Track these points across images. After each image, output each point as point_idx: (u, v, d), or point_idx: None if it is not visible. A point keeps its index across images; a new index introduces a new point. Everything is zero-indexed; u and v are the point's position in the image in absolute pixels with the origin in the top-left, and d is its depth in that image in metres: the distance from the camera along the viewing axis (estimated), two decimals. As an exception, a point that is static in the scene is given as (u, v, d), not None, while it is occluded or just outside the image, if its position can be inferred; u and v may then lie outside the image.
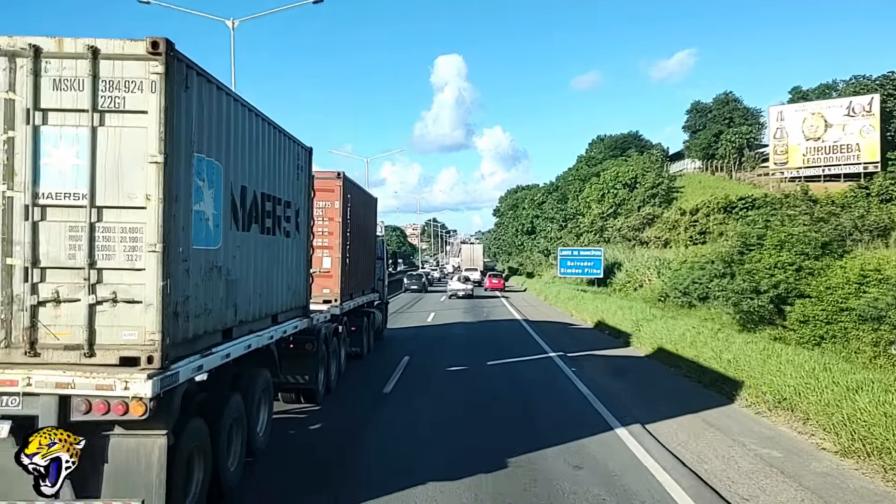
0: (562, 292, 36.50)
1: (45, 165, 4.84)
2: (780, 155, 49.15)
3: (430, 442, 8.30)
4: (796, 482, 6.85)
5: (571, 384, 12.30)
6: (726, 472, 7.20)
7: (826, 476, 7.06)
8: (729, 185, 51.14)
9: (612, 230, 48.96)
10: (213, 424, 5.90)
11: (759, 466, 7.38)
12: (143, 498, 4.67)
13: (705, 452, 7.91)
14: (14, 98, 4.82)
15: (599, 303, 27.30)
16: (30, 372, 4.64)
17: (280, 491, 6.54)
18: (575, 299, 31.51)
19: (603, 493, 6.49)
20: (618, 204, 52.65)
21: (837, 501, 6.34)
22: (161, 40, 4.79)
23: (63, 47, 4.84)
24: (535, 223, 71.70)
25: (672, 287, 25.67)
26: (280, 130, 7.83)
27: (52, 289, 4.85)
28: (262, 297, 7.28)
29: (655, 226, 44.94)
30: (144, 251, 4.83)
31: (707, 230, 39.21)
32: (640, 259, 37.45)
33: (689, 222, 41.45)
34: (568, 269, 37.97)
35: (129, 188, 4.85)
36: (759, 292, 18.50)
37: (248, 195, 6.70)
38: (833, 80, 56.49)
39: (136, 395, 4.58)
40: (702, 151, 60.77)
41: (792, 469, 7.28)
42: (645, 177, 52.77)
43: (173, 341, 5.01)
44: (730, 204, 40.22)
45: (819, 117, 47.58)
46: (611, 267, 38.07)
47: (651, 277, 32.72)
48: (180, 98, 5.04)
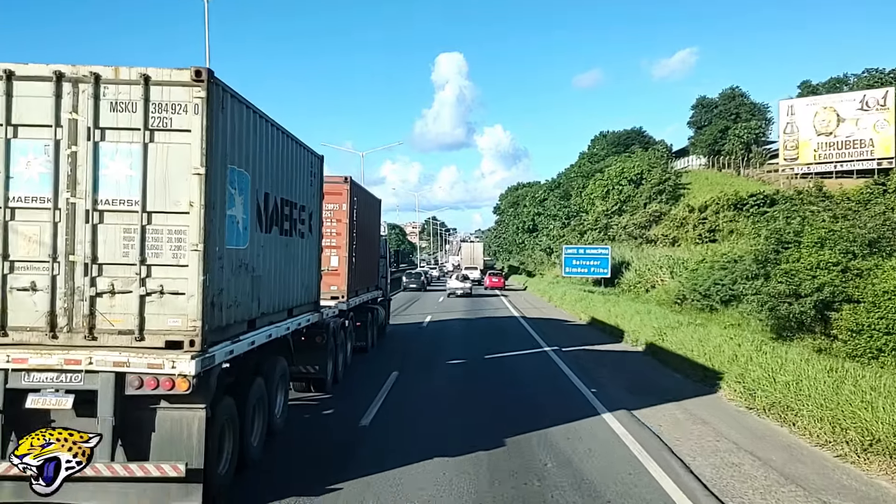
0: (568, 293, 34.31)
1: (103, 176, 5.63)
2: (791, 150, 47.43)
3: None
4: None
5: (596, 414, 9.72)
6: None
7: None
8: (737, 181, 49.36)
9: (617, 228, 47.05)
10: (240, 403, 6.70)
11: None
12: (187, 461, 5.45)
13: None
14: (77, 118, 5.61)
15: (612, 306, 24.65)
16: (91, 353, 5.44)
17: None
18: (583, 301, 29.22)
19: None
20: (623, 201, 50.74)
21: None
22: (203, 70, 5.58)
23: (119, 75, 5.63)
24: (536, 221, 70.21)
25: (691, 288, 23.85)
26: (296, 141, 8.62)
27: (108, 282, 5.65)
28: (280, 292, 8.07)
29: (662, 223, 43.18)
30: (188, 250, 5.62)
31: (716, 228, 37.95)
32: (650, 258, 35.67)
33: (697, 220, 39.91)
34: (573, 268, 36.11)
35: (175, 196, 5.64)
36: (800, 296, 16.25)
37: (270, 201, 7.49)
38: (844, 73, 55.00)
39: (182, 372, 5.37)
40: (707, 147, 59.32)
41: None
42: (651, 173, 50.96)
43: (210, 328, 5.79)
44: (740, 201, 38.68)
45: (831, 111, 45.61)
46: (618, 266, 36.27)
47: (664, 278, 31.09)
48: (218, 118, 5.82)
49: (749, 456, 7.81)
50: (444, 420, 9.46)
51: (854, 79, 53.16)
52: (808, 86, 55.67)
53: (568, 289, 36.64)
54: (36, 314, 5.62)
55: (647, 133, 71.61)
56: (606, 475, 7.03)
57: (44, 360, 5.39)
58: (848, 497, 6.48)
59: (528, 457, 7.67)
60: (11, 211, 5.62)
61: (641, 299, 28.36)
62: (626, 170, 52.79)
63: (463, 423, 9.22)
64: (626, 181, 52.09)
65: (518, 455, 7.72)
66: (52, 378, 5.43)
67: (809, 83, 56.30)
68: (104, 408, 5.37)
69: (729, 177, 52.58)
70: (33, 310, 5.63)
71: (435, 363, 14.70)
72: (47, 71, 5.60)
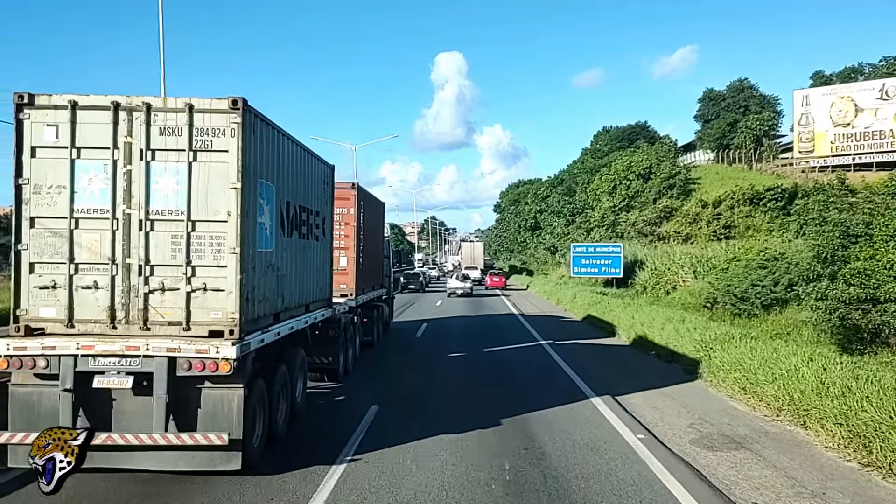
0: (579, 295, 30.55)
1: (154, 191, 6.61)
2: (806, 143, 44.95)
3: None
4: None
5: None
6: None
7: None
8: (749, 175, 46.58)
9: (625, 225, 44.56)
10: (268, 386, 7.67)
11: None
12: (228, 431, 6.41)
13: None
14: (131, 141, 6.59)
15: (634, 311, 21.11)
16: (147, 341, 6.41)
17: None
18: (598, 305, 25.54)
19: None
20: (631, 196, 48.17)
21: None
22: (239, 99, 6.57)
23: (167, 104, 6.62)
24: (538, 219, 67.93)
25: (723, 290, 20.84)
26: (311, 154, 9.59)
27: (159, 281, 6.63)
28: (299, 290, 9.05)
29: (674, 219, 40.82)
30: (226, 253, 6.60)
31: (732, 224, 35.98)
32: (669, 256, 32.38)
33: (711, 215, 37.69)
34: (582, 267, 33.57)
35: (215, 207, 6.61)
36: (878, 301, 13.38)
37: (291, 208, 8.47)
38: (859, 63, 52.18)
39: (225, 356, 6.34)
40: (715, 142, 56.79)
41: None
42: (660, 166, 48.21)
43: (246, 319, 6.76)
44: (756, 195, 36.51)
45: (849, 101, 43.15)
46: (630, 266, 33.55)
47: (686, 278, 28.06)
48: (250, 140, 6.80)
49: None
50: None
51: (870, 68, 50.63)
52: (821, 76, 52.80)
53: (578, 290, 33.15)
54: (98, 308, 6.60)
55: (652, 127, 68.53)
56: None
57: (108, 347, 6.37)
58: None
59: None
60: (76, 221, 6.59)
61: (663, 302, 25.10)
62: (634, 164, 50.04)
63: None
64: (634, 176, 49.36)
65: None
66: (115, 362, 6.40)
67: (822, 73, 53.42)
68: (159, 387, 6.34)
69: (741, 171, 50.05)
70: (96, 305, 6.61)
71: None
72: (106, 101, 6.58)
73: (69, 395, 6.36)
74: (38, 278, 6.58)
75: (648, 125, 69.07)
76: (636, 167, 49.79)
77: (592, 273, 33.78)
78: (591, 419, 9.56)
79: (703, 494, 6.59)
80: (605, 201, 50.32)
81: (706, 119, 60.29)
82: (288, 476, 6.93)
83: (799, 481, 7.00)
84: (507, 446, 8.10)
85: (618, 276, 32.15)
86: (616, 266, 32.14)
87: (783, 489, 6.79)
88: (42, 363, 6.40)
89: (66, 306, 6.57)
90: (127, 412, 6.56)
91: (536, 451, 7.93)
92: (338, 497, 6.39)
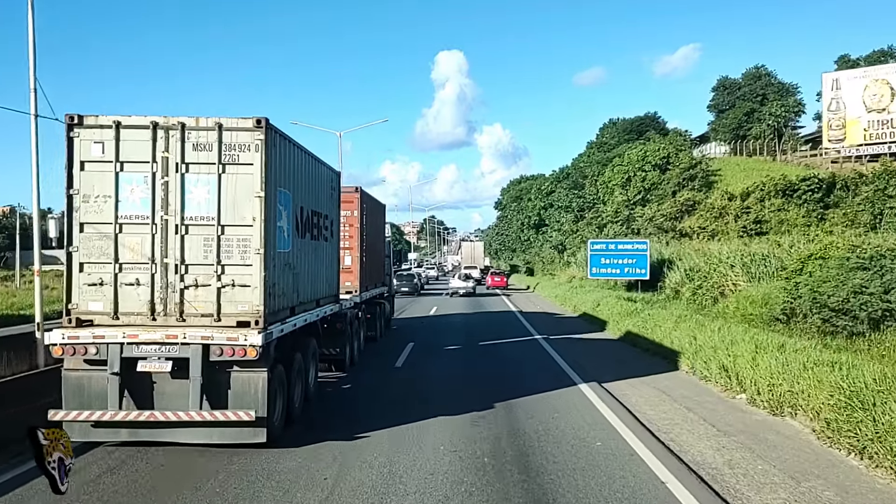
0: (603, 302, 24.63)
1: (188, 199, 7.56)
2: (836, 130, 41.63)
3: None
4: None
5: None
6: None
7: None
8: (774, 167, 43.46)
9: (641, 220, 41.00)
10: (287, 370, 8.62)
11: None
12: (255, 409, 7.35)
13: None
14: (168, 156, 7.53)
15: (693, 328, 14.68)
16: (184, 330, 7.36)
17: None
18: (634, 317, 19.36)
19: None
20: (647, 189, 44.54)
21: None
22: (262, 119, 7.52)
23: (199, 123, 7.56)
24: (543, 215, 63.85)
25: (808, 299, 15.76)
26: (321, 162, 10.54)
27: (193, 278, 7.57)
28: (311, 286, 10.00)
29: (697, 214, 37.43)
30: (252, 253, 7.54)
31: (762, 218, 33.31)
32: (704, 254, 27.22)
33: (740, 209, 34.53)
34: (601, 268, 28.79)
35: (242, 213, 7.55)
36: None
37: (304, 212, 9.42)
38: (889, 45, 49.45)
39: (252, 343, 7.28)
40: (731, 133, 54.00)
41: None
42: (678, 156, 45.11)
43: (268, 312, 7.70)
44: (789, 186, 33.76)
45: (884, 84, 39.98)
46: (657, 266, 28.96)
47: (738, 281, 22.05)
48: (272, 154, 7.74)
49: None
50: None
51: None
52: (847, 60, 49.88)
53: (600, 295, 27.57)
54: (140, 303, 7.55)
55: (662, 119, 65.28)
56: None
57: (150, 336, 7.32)
58: None
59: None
60: (120, 226, 7.53)
61: (712, 313, 19.59)
62: (650, 153, 46.29)
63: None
64: (650, 166, 45.53)
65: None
66: (156, 349, 7.35)
67: (848, 58, 50.45)
68: (195, 370, 7.28)
69: (763, 162, 46.82)
70: (137, 299, 7.55)
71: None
72: (146, 121, 7.53)
73: (116, 378, 7.30)
74: (87, 276, 7.52)
75: (658, 116, 65.72)
76: (652, 157, 45.97)
77: (613, 275, 29.35)
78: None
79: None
80: (618, 195, 46.23)
81: (720, 109, 57.31)
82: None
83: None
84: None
85: (644, 277, 27.89)
86: (641, 266, 27.79)
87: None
88: (92, 350, 7.34)
89: (112, 301, 7.51)
90: (166, 393, 7.50)
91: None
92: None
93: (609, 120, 68.13)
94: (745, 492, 6.46)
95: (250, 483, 6.67)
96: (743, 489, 6.54)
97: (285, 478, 6.83)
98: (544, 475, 6.91)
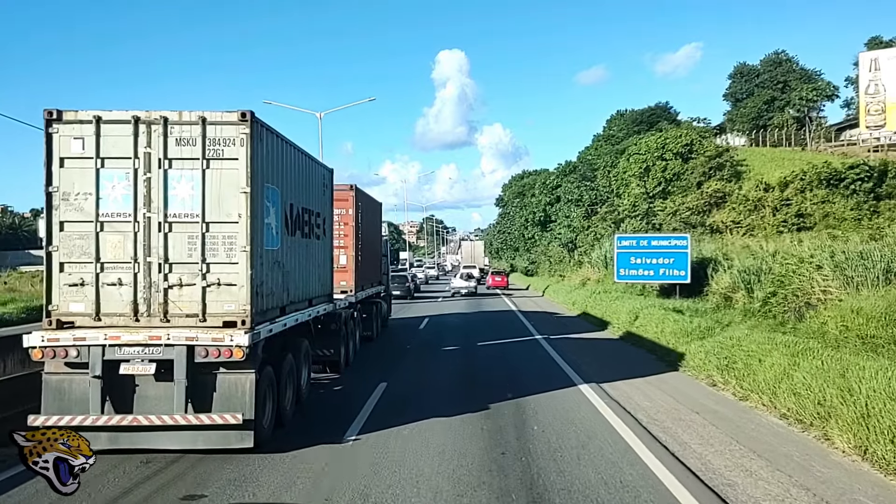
0: (646, 315, 18.45)
1: (171, 196, 7.30)
2: (875, 115, 38.60)
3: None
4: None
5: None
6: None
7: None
8: (806, 156, 39.11)
9: (663, 214, 36.95)
10: (277, 373, 8.37)
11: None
12: (242, 412, 7.11)
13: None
14: (150, 151, 7.28)
15: (836, 373, 8.50)
16: (168, 331, 7.11)
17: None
18: (703, 341, 13.65)
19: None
20: (668, 179, 40.31)
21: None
22: (248, 112, 7.26)
23: (182, 117, 7.31)
24: (549, 211, 59.27)
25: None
26: (312, 159, 10.29)
27: (178, 277, 7.32)
28: (303, 285, 9.75)
29: (727, 207, 33.54)
30: (238, 251, 7.29)
31: (805, 212, 29.36)
32: (751, 252, 22.41)
33: (778, 201, 30.76)
34: (631, 268, 23.27)
35: (227, 209, 7.30)
36: None
37: (295, 210, 9.17)
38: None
39: (238, 344, 7.03)
40: (750, 122, 50.64)
41: None
42: (702, 144, 41.10)
43: (256, 311, 7.45)
44: (834, 175, 30.11)
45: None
46: (697, 266, 23.15)
47: (828, 287, 15.05)
48: (257, 148, 7.49)
49: None
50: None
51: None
52: (879, 42, 46.79)
53: (634, 304, 21.26)
54: (122, 303, 7.30)
55: (674, 109, 60.74)
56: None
57: (133, 337, 7.07)
58: None
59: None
60: (101, 224, 7.28)
61: (802, 331, 13.22)
62: (671, 140, 41.87)
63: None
64: (670, 154, 40.97)
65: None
66: (139, 351, 7.09)
67: (880, 39, 47.28)
68: (179, 372, 7.03)
69: (792, 152, 42.53)
70: (120, 300, 7.30)
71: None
72: (127, 116, 7.28)
73: (98, 382, 7.04)
74: (67, 276, 7.27)
75: (669, 106, 61.07)
76: (672, 145, 41.32)
77: (646, 278, 23.54)
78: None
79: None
80: (635, 186, 41.84)
81: (737, 98, 54.07)
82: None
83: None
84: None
85: (684, 281, 22.36)
86: (681, 266, 22.42)
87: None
88: (73, 353, 7.09)
89: (94, 301, 7.26)
90: (150, 396, 7.25)
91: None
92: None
93: (616, 112, 64.66)
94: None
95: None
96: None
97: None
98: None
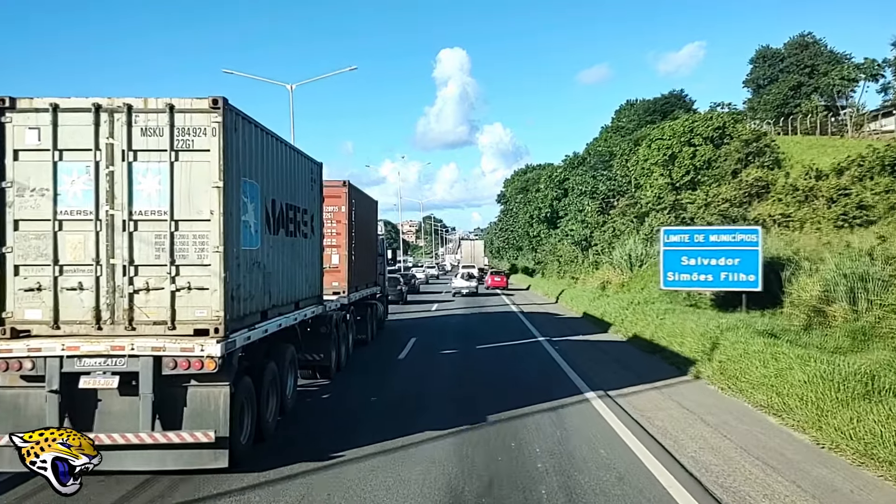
0: (726, 340, 12.47)
1: (137, 191, 6.63)
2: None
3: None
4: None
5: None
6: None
7: None
8: (847, 144, 35.33)
9: (693, 206, 32.12)
10: (257, 383, 7.70)
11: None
12: (215, 429, 6.45)
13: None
14: (113, 143, 6.61)
15: None
16: (132, 340, 6.44)
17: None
18: (862, 406, 7.61)
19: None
20: (697, 168, 35.23)
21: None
22: (220, 98, 6.59)
23: (148, 105, 6.63)
24: (556, 207, 54.20)
25: None
26: (297, 152, 9.61)
27: (144, 281, 6.65)
28: (287, 287, 9.08)
29: (771, 197, 28.71)
30: (210, 252, 6.62)
31: (866, 203, 24.60)
32: (850, 250, 16.83)
33: (835, 190, 26.00)
34: (683, 272, 18.09)
35: (198, 206, 6.63)
36: None
37: (277, 206, 8.49)
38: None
39: (210, 354, 6.37)
40: (774, 110, 46.80)
41: None
42: (736, 127, 36.20)
43: (231, 317, 6.79)
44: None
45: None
46: (768, 269, 17.59)
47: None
48: (232, 138, 6.82)
49: None
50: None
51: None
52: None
53: (693, 320, 15.91)
54: (83, 309, 6.63)
55: (689, 97, 56.90)
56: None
57: (93, 347, 6.40)
58: None
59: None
60: (60, 223, 6.61)
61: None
62: (699, 123, 37.00)
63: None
64: (700, 139, 36.04)
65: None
66: (101, 362, 6.42)
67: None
68: (145, 386, 6.36)
69: (831, 139, 38.25)
70: (81, 306, 6.64)
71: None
72: (87, 103, 6.61)
73: (55, 397, 6.39)
74: (23, 280, 6.61)
75: (685, 94, 57.07)
76: (702, 128, 36.41)
77: (703, 284, 18.37)
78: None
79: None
80: (659, 176, 36.69)
81: (759, 84, 50.73)
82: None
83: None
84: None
85: (754, 288, 17.19)
86: (749, 270, 17.23)
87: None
88: (28, 365, 6.43)
89: (52, 308, 6.60)
90: (113, 412, 6.59)
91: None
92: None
93: (626, 101, 60.46)
94: None
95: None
96: None
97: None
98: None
